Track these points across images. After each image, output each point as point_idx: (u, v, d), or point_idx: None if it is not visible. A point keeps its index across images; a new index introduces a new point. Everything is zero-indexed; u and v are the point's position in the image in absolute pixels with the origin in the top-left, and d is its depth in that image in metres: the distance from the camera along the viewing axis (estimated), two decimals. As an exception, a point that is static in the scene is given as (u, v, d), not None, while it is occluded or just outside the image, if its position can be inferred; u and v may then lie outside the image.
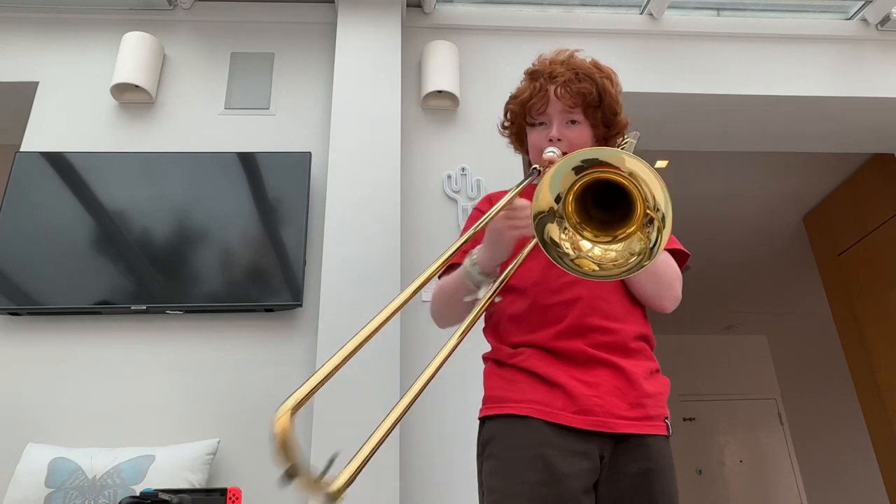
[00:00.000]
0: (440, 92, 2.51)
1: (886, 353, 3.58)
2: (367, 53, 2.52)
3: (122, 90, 2.46)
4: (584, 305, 1.12)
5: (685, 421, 6.47)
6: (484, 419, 1.13)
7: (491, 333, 1.23)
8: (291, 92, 2.59)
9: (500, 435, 1.08)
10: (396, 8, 2.63)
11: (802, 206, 4.39)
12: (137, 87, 2.43)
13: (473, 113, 2.59)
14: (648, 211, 0.87)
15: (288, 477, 0.58)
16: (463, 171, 2.47)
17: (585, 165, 0.90)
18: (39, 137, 2.43)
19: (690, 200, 4.25)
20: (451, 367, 0.92)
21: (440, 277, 1.24)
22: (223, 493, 1.69)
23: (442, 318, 1.26)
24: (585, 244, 0.94)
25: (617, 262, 0.91)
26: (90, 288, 2.13)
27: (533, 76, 1.26)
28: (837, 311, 4.12)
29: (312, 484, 0.60)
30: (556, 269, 0.93)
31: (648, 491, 1.04)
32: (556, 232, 0.93)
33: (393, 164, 2.33)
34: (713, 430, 6.56)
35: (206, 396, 2.08)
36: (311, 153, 2.38)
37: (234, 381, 2.11)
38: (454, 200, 2.42)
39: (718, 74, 2.76)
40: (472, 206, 2.26)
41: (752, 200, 4.33)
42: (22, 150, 2.39)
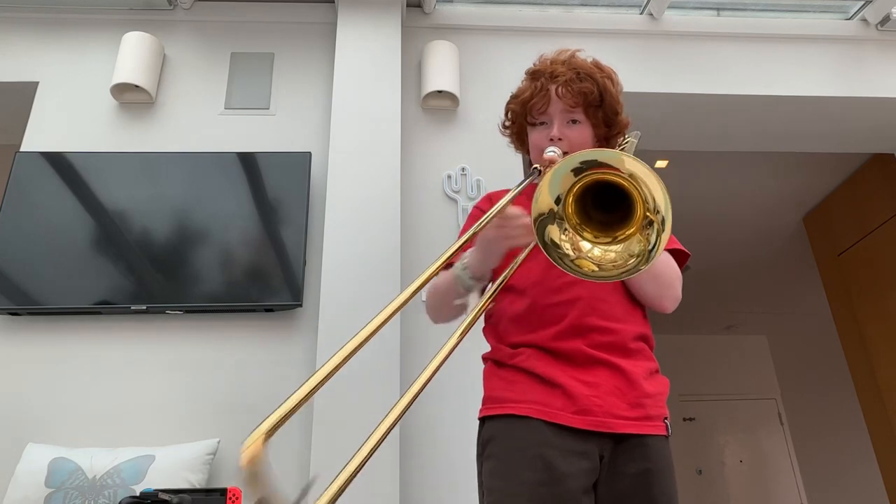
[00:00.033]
0: (440, 92, 2.51)
1: (886, 353, 3.58)
2: (367, 53, 2.52)
3: (122, 90, 2.46)
4: (583, 305, 1.12)
5: (685, 421, 6.47)
6: (484, 419, 1.13)
7: (490, 333, 1.23)
8: (291, 92, 2.59)
9: (499, 435, 1.08)
10: (396, 8, 2.63)
11: (802, 206, 4.39)
12: (137, 87, 2.43)
13: (473, 113, 2.59)
14: (648, 213, 0.87)
15: None
16: (463, 171, 2.47)
17: (584, 167, 0.90)
18: (39, 137, 2.43)
19: (690, 200, 4.24)
20: (450, 367, 0.91)
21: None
22: (223, 493, 1.69)
23: (435, 315, 1.26)
24: (585, 245, 0.94)
25: (616, 263, 0.91)
26: (90, 288, 2.13)
27: (534, 76, 1.26)
28: (837, 311, 4.11)
29: None
30: (555, 269, 0.93)
31: (648, 491, 1.04)
32: (556, 233, 0.93)
33: (393, 164, 2.33)
34: (713, 430, 6.56)
35: (206, 396, 2.08)
36: (311, 153, 2.38)
37: (234, 381, 2.11)
38: (454, 200, 2.42)
39: (718, 74, 2.76)
40: (472, 206, 2.25)
41: (752, 200, 4.33)
42: (22, 150, 2.39)
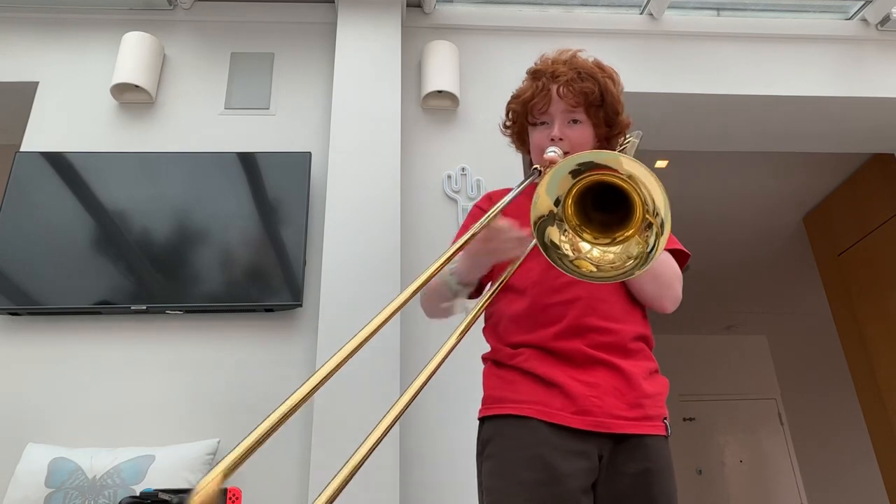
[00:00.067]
0: (440, 92, 2.51)
1: (886, 353, 3.58)
2: (367, 53, 2.52)
3: (122, 90, 2.46)
4: (583, 305, 1.12)
5: (685, 421, 6.47)
6: (483, 419, 1.13)
7: (490, 333, 1.24)
8: (291, 92, 2.59)
9: (499, 435, 1.08)
10: (396, 8, 2.62)
11: (802, 206, 4.39)
12: (137, 87, 2.43)
13: (473, 113, 2.59)
14: (647, 216, 0.87)
15: None
16: (463, 170, 2.47)
17: (583, 168, 0.90)
18: (39, 137, 2.43)
19: (690, 200, 4.24)
20: (450, 367, 0.91)
21: None
22: (223, 493, 1.69)
23: (428, 312, 1.29)
24: (585, 245, 0.94)
25: (614, 264, 0.91)
26: (90, 288, 2.13)
27: (535, 75, 1.26)
28: (837, 311, 4.11)
29: None
30: (555, 269, 0.94)
31: (647, 491, 1.04)
32: (556, 234, 0.93)
33: (393, 164, 2.33)
34: (713, 430, 6.56)
35: (206, 396, 2.08)
36: (311, 153, 2.38)
37: (234, 381, 2.10)
38: (454, 200, 2.42)
39: (718, 74, 2.76)
40: (471, 206, 2.25)
41: (752, 200, 4.33)
42: (22, 150, 2.39)
